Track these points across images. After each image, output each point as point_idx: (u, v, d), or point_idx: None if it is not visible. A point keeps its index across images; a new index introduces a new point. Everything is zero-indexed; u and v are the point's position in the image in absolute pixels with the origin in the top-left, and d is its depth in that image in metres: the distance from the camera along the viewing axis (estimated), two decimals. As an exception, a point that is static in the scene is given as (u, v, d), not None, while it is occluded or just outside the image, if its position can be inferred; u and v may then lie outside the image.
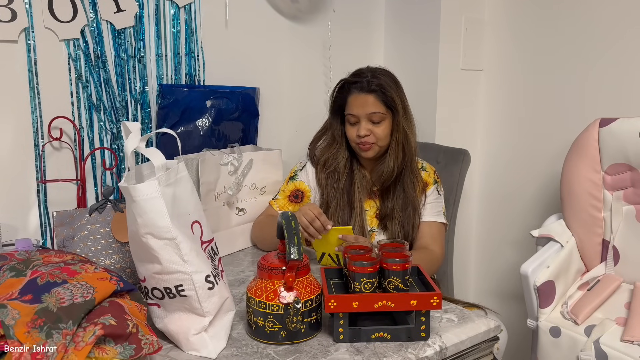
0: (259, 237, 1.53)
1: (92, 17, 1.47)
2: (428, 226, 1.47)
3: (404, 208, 1.45)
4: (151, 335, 0.83)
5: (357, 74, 1.44)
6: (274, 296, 0.94)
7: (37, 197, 1.45)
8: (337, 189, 1.47)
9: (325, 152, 1.51)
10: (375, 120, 1.40)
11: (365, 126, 1.41)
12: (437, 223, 1.49)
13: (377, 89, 1.40)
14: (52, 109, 1.44)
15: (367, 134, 1.41)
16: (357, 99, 1.41)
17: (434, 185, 1.51)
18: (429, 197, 1.50)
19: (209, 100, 1.61)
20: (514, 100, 1.94)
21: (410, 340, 0.96)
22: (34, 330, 0.74)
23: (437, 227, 1.49)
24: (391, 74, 1.46)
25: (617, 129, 1.38)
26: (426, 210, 1.48)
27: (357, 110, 1.41)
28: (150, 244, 0.86)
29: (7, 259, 0.95)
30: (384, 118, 1.41)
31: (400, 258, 0.98)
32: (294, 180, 1.54)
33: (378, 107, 1.40)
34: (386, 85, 1.41)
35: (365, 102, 1.40)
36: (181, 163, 0.94)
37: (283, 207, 1.52)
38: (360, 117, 1.41)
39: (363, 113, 1.40)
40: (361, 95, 1.41)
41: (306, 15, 1.89)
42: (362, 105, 1.41)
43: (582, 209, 1.46)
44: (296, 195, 1.52)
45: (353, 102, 1.42)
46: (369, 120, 1.41)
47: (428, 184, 1.50)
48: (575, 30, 1.73)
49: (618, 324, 1.26)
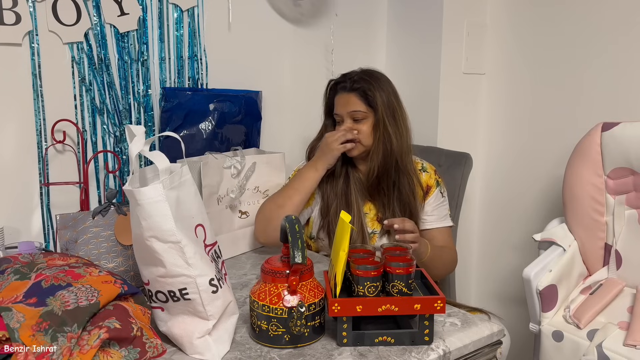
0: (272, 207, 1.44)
1: (96, 21, 1.48)
2: (439, 232, 1.47)
3: (402, 211, 1.44)
4: (155, 338, 0.84)
5: (345, 74, 1.48)
6: (278, 300, 0.94)
7: (40, 200, 1.46)
8: (336, 191, 1.47)
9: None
10: (358, 118, 1.43)
11: (348, 124, 1.43)
12: (445, 228, 1.50)
13: (359, 88, 1.42)
14: (55, 112, 1.45)
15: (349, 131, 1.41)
16: (341, 98, 1.45)
17: (436, 188, 1.50)
18: (432, 203, 1.48)
19: (212, 104, 1.61)
20: (516, 103, 1.95)
21: (413, 344, 0.96)
22: (39, 334, 0.74)
23: (445, 232, 1.50)
24: (381, 74, 1.47)
25: (619, 133, 1.39)
26: (434, 216, 1.48)
27: (340, 108, 1.45)
28: (155, 247, 0.86)
29: (11, 261, 0.96)
30: (366, 117, 1.42)
31: (404, 262, 0.98)
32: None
33: (359, 105, 1.42)
34: (369, 84, 1.42)
35: (347, 101, 1.43)
36: (185, 166, 0.94)
37: None
38: (343, 115, 1.44)
39: (345, 111, 1.43)
40: (344, 94, 1.44)
41: (309, 19, 1.90)
42: (344, 104, 1.44)
43: (585, 213, 1.46)
44: None
45: (338, 102, 1.46)
46: (352, 119, 1.43)
47: (430, 187, 1.49)
48: (577, 34, 1.73)
49: (621, 328, 1.26)
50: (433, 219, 1.48)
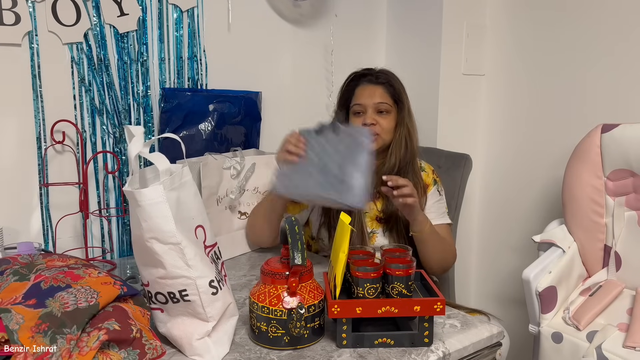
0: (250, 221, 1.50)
1: (96, 21, 1.47)
2: (438, 229, 1.47)
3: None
4: (155, 340, 0.83)
5: (367, 69, 1.50)
6: (277, 301, 0.94)
7: (39, 200, 1.45)
8: None
9: None
10: (382, 110, 1.44)
11: (372, 115, 1.44)
12: (444, 225, 1.50)
13: (386, 82, 1.46)
14: (55, 113, 1.44)
15: (373, 123, 1.42)
16: (366, 89, 1.46)
17: (434, 186, 1.51)
18: (430, 200, 1.50)
19: (211, 105, 1.61)
20: (516, 105, 1.95)
21: (413, 346, 0.96)
22: (38, 335, 0.74)
23: (445, 228, 1.50)
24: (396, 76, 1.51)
25: (619, 135, 1.39)
26: (432, 213, 1.49)
27: (365, 99, 1.45)
28: (155, 248, 0.86)
29: (10, 262, 0.95)
30: (390, 110, 1.45)
31: (403, 263, 0.98)
32: None
33: (386, 98, 1.45)
34: (395, 80, 1.48)
35: (373, 92, 1.45)
36: (186, 167, 0.94)
37: None
38: (367, 106, 1.44)
39: (371, 102, 1.44)
40: (370, 86, 1.46)
41: (308, 19, 1.90)
42: (370, 95, 1.45)
43: (584, 215, 1.46)
44: None
45: (361, 93, 1.47)
46: (376, 111, 1.44)
47: (428, 186, 1.51)
48: (576, 36, 1.73)
49: (620, 329, 1.26)
50: (432, 215, 1.48)
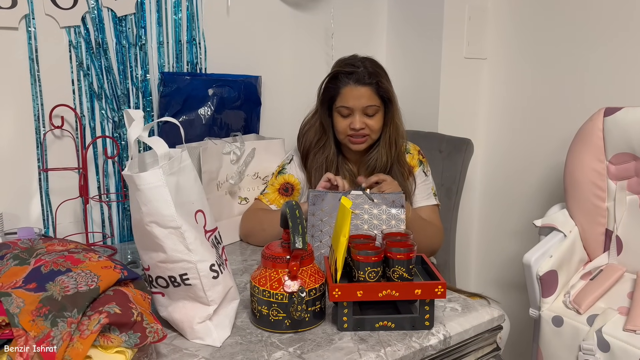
0: (256, 228, 1.45)
1: (93, 4, 1.45)
2: (423, 211, 1.46)
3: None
4: (156, 323, 0.83)
5: (350, 64, 1.40)
6: (278, 285, 0.94)
7: (38, 185, 1.45)
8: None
9: (314, 147, 1.47)
10: (370, 113, 1.39)
11: (360, 119, 1.39)
12: (430, 206, 1.48)
13: (373, 82, 1.38)
14: (53, 97, 1.43)
15: (362, 127, 1.39)
16: (353, 90, 1.38)
17: (419, 167, 1.49)
18: (416, 181, 1.48)
19: (210, 89, 1.60)
20: (518, 89, 1.93)
21: (414, 329, 0.96)
22: (38, 319, 0.74)
23: (431, 210, 1.48)
24: (379, 63, 1.44)
25: (621, 119, 1.38)
26: (416, 196, 1.47)
27: (353, 102, 1.38)
28: (155, 232, 0.86)
29: (10, 247, 0.95)
30: (378, 110, 1.40)
31: (404, 247, 0.98)
32: (282, 174, 1.51)
33: (374, 100, 1.38)
34: (380, 76, 1.39)
35: (361, 95, 1.37)
36: (185, 152, 0.94)
37: (274, 201, 1.48)
38: (355, 109, 1.38)
39: (359, 106, 1.38)
40: (357, 88, 1.37)
41: (308, 2, 1.88)
42: (357, 97, 1.38)
43: (586, 199, 1.45)
44: (286, 189, 1.49)
45: (348, 94, 1.38)
46: (364, 113, 1.39)
47: (413, 167, 1.49)
48: (579, 19, 1.71)
49: (620, 313, 1.26)
50: (417, 198, 1.47)
